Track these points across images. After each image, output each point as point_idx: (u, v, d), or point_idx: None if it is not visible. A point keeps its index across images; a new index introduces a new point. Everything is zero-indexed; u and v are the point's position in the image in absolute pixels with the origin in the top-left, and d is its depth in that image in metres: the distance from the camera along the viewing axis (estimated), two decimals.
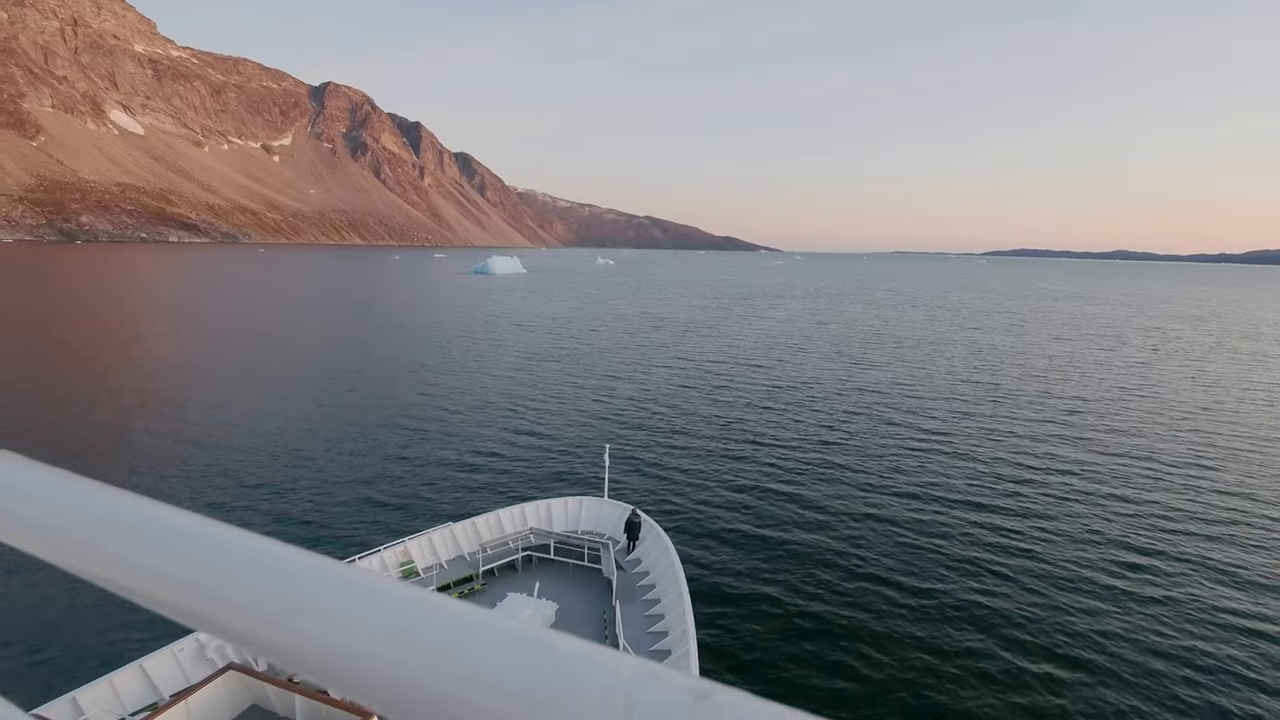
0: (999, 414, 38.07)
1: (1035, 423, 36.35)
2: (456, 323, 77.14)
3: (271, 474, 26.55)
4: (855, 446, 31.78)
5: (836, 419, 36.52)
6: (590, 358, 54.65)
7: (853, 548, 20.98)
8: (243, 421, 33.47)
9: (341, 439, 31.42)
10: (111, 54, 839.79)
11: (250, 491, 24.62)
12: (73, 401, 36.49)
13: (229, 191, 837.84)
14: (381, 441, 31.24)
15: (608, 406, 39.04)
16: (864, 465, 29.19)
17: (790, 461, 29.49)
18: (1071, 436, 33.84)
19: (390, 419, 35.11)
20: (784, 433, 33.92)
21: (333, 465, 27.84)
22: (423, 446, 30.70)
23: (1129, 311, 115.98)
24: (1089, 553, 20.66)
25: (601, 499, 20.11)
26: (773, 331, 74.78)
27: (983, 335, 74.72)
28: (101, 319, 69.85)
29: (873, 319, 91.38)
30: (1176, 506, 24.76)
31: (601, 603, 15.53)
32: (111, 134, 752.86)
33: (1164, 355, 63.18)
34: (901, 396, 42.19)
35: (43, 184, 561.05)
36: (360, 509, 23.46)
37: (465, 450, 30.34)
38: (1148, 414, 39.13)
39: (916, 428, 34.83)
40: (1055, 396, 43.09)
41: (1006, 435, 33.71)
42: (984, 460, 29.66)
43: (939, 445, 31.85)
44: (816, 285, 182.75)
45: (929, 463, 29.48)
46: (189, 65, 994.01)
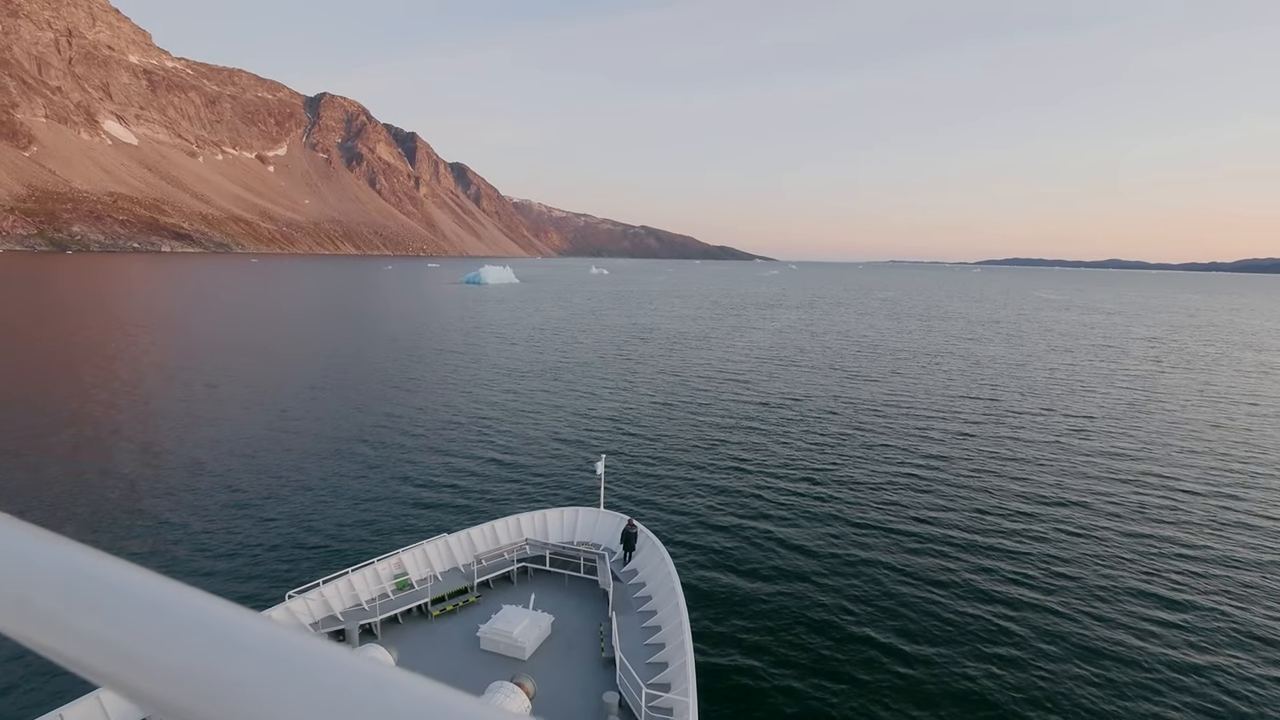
0: (1000, 434, 36.03)
1: (1038, 443, 34.30)
2: (447, 333, 75.12)
3: (261, 486, 26.02)
4: (852, 461, 30.61)
5: (832, 433, 34.88)
6: (578, 370, 52.63)
7: (852, 561, 20.74)
8: (228, 436, 32.82)
9: (331, 450, 30.94)
10: (106, 65, 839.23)
11: (240, 504, 24.19)
12: (55, 411, 34.23)
13: (223, 201, 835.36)
14: (373, 453, 30.82)
15: (601, 418, 38.40)
16: (861, 480, 28.19)
17: (788, 473, 28.77)
18: (1077, 457, 31.78)
19: (381, 430, 34.61)
20: (781, 445, 33.02)
21: (324, 476, 27.39)
22: (414, 457, 30.30)
23: (1126, 321, 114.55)
24: (1101, 581, 18.58)
25: (597, 509, 19.77)
26: (766, 343, 72.82)
27: (980, 347, 72.88)
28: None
29: (867, 329, 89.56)
30: (1195, 540, 22.66)
31: (598, 614, 15.19)
32: (105, 144, 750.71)
33: (1167, 367, 61.38)
34: (897, 413, 40.14)
35: (34, 194, 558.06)
36: (352, 520, 23.16)
37: (459, 461, 29.98)
38: (1156, 432, 37.13)
39: (913, 446, 32.78)
40: (1058, 413, 41.10)
41: (1009, 457, 31.63)
42: (986, 482, 27.54)
43: (937, 464, 29.82)
44: (811, 295, 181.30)
45: (926, 479, 27.68)
46: (184, 76, 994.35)
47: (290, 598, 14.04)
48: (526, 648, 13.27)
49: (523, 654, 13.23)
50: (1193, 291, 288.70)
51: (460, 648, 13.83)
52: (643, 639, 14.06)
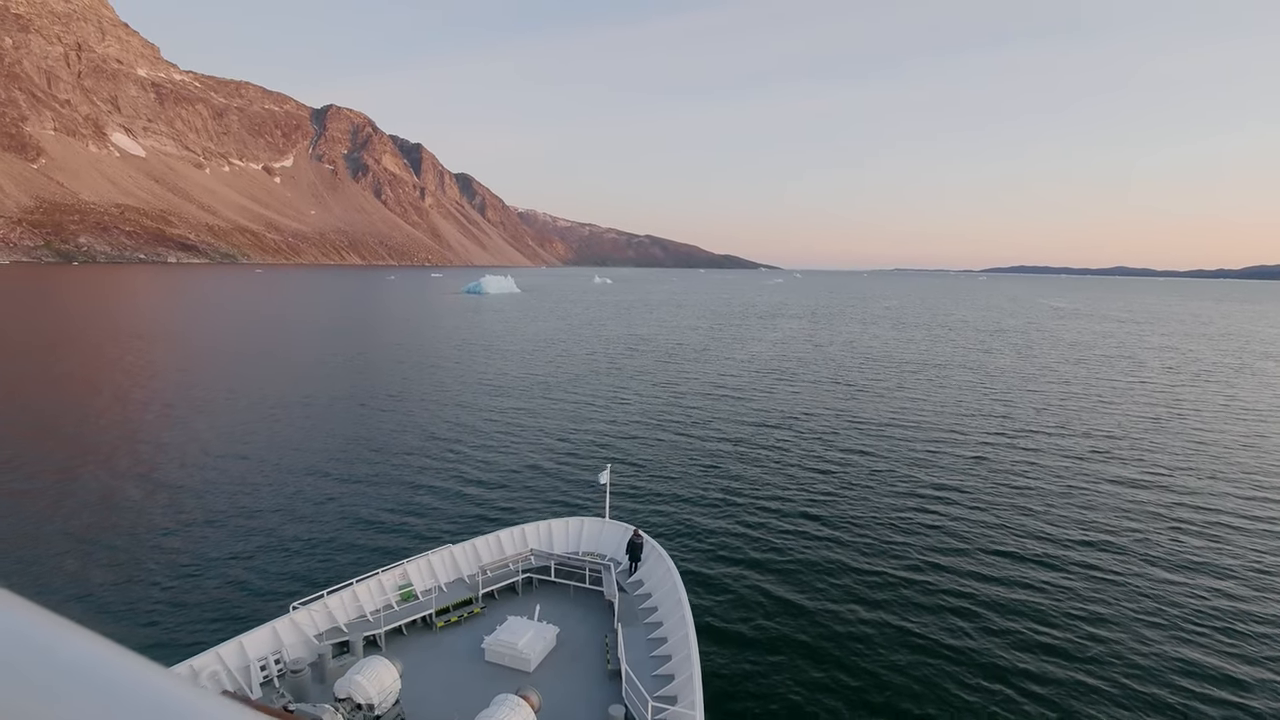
0: (1015, 458, 33.48)
1: (1056, 468, 31.75)
2: (446, 344, 73.05)
3: (264, 497, 25.93)
4: (860, 476, 29.15)
5: (838, 450, 33.07)
6: (578, 380, 50.57)
7: (859, 573, 20.32)
8: (230, 447, 32.75)
9: (333, 462, 30.71)
10: (114, 78, 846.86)
11: (244, 515, 24.13)
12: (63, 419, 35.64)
13: (229, 212, 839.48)
14: (377, 463, 30.60)
15: (604, 429, 37.93)
16: (871, 496, 26.89)
17: (796, 489, 27.91)
18: (1100, 485, 29.21)
19: (384, 441, 34.38)
20: (787, 462, 31.60)
21: (327, 487, 27.16)
22: (418, 467, 30.07)
23: (1138, 329, 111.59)
24: (1132, 632, 16.10)
25: (603, 519, 19.55)
26: (767, 354, 70.41)
27: (990, 358, 70.25)
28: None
29: (871, 340, 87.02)
30: (1237, 586, 20.10)
31: (603, 626, 15.03)
32: (113, 156, 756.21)
33: (1187, 380, 58.64)
34: (903, 431, 37.64)
35: (42, 206, 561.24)
36: (356, 531, 22.96)
37: (463, 471, 29.76)
38: (1183, 454, 34.51)
39: (922, 462, 30.42)
40: (1076, 433, 38.54)
41: (1024, 483, 29.08)
42: (1000, 508, 25.08)
43: (948, 488, 27.48)
44: (815, 303, 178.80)
45: (936, 498, 25.69)
46: (191, 89, 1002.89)
47: (295, 609, 13.88)
48: (532, 659, 13.11)
49: (528, 666, 13.07)
50: (1203, 298, 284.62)
51: (465, 659, 13.67)
52: (649, 651, 13.76)
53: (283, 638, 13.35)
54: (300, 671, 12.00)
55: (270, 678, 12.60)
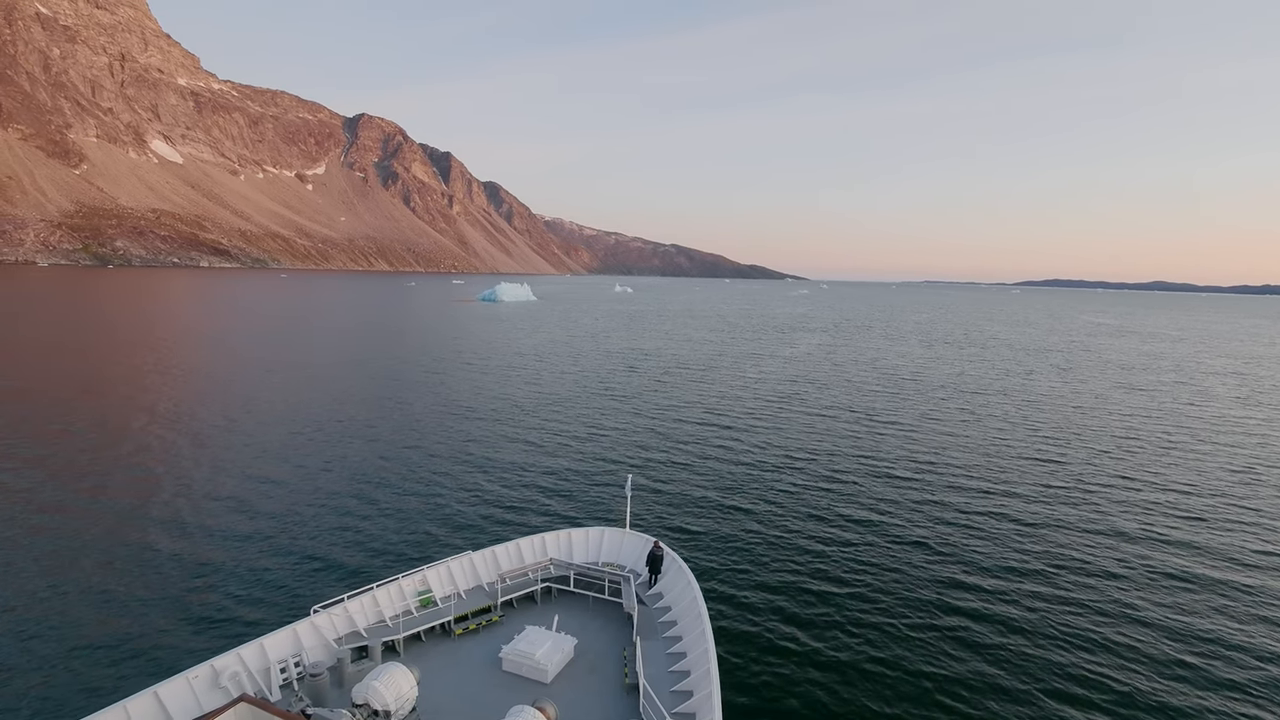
0: (1072, 516, 26.66)
1: (1128, 534, 24.87)
2: (454, 351, 68.32)
3: (288, 501, 26.06)
4: (888, 497, 27.55)
5: (869, 471, 30.90)
6: (601, 391, 45.83)
7: (884, 591, 19.70)
8: (257, 451, 33.14)
9: (355, 467, 30.80)
10: (155, 87, 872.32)
11: (268, 517, 24.29)
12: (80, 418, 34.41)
13: (261, 218, 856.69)
14: (398, 469, 30.67)
15: (627, 438, 38.02)
16: (903, 519, 25.11)
17: (818, 512, 27.08)
18: (1186, 563, 22.39)
19: (405, 447, 34.56)
20: (810, 485, 30.26)
21: (349, 493, 27.29)
22: (439, 474, 30.14)
23: (1193, 349, 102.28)
24: None
25: (623, 530, 19.26)
26: (785, 373, 63.91)
27: (1033, 382, 62.75)
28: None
29: (898, 358, 79.81)
30: None
31: (621, 638, 14.75)
32: (151, 162, 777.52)
33: (1270, 413, 50.75)
34: (934, 466, 31.09)
35: (81, 210, 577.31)
36: (377, 536, 22.93)
37: (484, 478, 29.80)
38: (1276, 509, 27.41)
39: (954, 509, 24.06)
40: (1144, 486, 31.53)
41: (1091, 545, 22.38)
42: (1055, 573, 18.68)
43: (988, 515, 21.21)
44: (840, 316, 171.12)
45: (972, 535, 21.21)
46: (229, 98, 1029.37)
47: (315, 612, 13.90)
48: (549, 671, 12.92)
49: (545, 677, 12.89)
50: (1255, 315, 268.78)
51: (482, 668, 13.53)
52: (667, 665, 13.54)
53: (303, 640, 13.37)
54: (319, 675, 11.90)
55: (290, 680, 12.60)
